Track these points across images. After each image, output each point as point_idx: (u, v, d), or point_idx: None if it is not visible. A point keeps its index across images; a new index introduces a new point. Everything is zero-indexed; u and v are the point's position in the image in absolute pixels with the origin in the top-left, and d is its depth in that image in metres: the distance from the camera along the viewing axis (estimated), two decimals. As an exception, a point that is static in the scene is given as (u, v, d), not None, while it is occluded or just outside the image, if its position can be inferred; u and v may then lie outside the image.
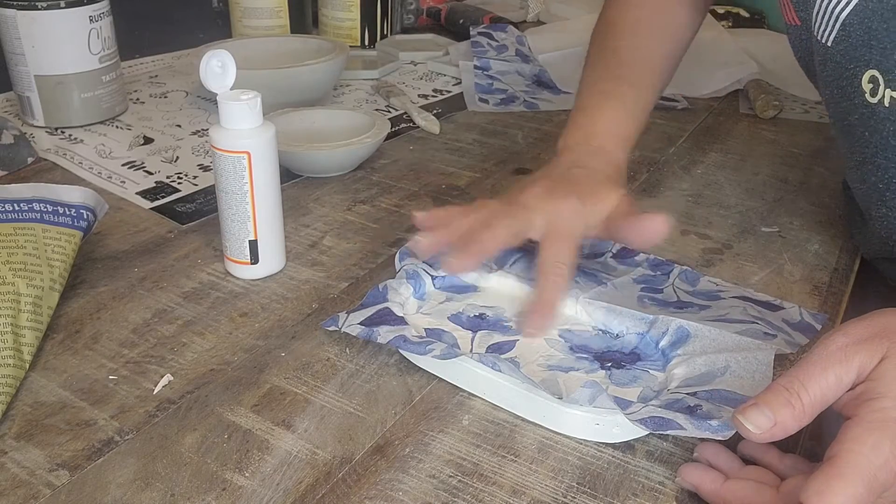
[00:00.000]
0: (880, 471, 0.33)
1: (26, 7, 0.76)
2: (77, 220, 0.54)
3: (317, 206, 0.69)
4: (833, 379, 0.35)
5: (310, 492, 0.40)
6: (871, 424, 0.34)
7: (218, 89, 0.53)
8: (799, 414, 0.35)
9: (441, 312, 0.52)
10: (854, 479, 0.33)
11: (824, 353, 0.36)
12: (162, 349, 0.50)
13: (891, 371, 0.35)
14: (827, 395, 0.36)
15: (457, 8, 1.27)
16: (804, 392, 0.35)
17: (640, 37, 0.66)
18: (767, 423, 0.36)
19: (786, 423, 0.35)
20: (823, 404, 0.36)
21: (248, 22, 1.04)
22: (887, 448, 0.33)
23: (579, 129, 0.61)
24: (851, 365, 0.36)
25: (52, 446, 0.42)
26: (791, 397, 0.35)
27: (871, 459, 0.33)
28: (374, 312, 0.50)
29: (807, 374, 0.36)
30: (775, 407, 0.36)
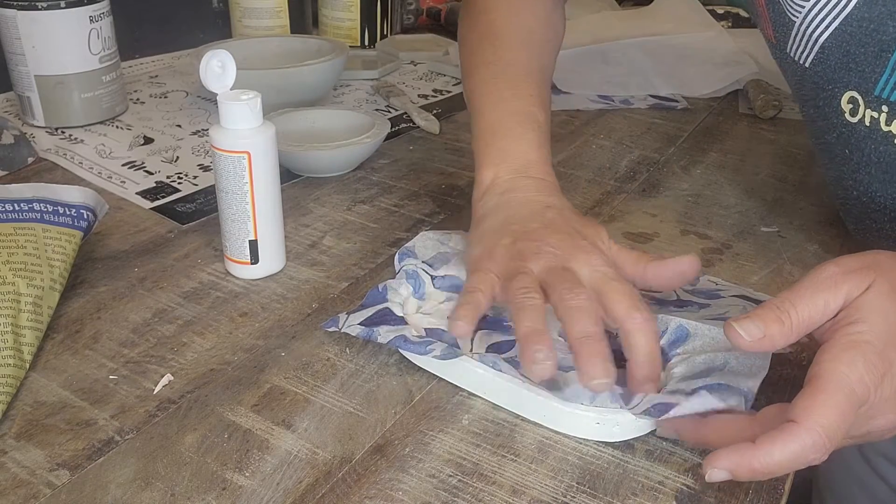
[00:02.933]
0: (857, 385, 0.35)
1: (26, 7, 0.76)
2: (77, 220, 0.55)
3: (317, 206, 0.69)
4: (821, 303, 0.38)
5: (310, 491, 0.40)
6: (846, 345, 0.36)
7: (218, 89, 0.53)
8: (787, 330, 0.38)
9: (441, 312, 0.52)
10: (835, 393, 0.35)
11: (815, 279, 0.39)
12: (162, 349, 0.50)
13: (870, 300, 0.37)
14: (814, 317, 0.38)
15: (457, 8, 1.27)
16: (794, 311, 0.38)
17: (533, 48, 0.63)
18: (758, 334, 0.38)
19: (774, 337, 0.38)
20: (810, 326, 0.38)
21: (248, 22, 1.04)
22: (860, 365, 0.35)
23: (514, 159, 0.55)
24: (839, 292, 0.38)
25: (52, 446, 0.42)
26: (782, 314, 0.38)
27: (847, 375, 0.35)
28: (373, 313, 0.50)
29: (797, 296, 0.38)
30: (767, 321, 0.38)
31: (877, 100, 0.50)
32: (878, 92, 0.49)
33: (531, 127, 0.57)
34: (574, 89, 0.98)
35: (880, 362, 0.36)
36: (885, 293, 0.37)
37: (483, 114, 0.59)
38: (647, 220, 0.67)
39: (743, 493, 0.40)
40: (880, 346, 0.36)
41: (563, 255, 0.47)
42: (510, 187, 0.54)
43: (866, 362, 0.36)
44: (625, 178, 0.76)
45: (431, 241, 0.57)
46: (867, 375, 0.36)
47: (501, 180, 0.55)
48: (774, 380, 0.48)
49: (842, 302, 0.38)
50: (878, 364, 0.36)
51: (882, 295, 0.37)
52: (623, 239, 0.64)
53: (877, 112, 0.50)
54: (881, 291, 0.37)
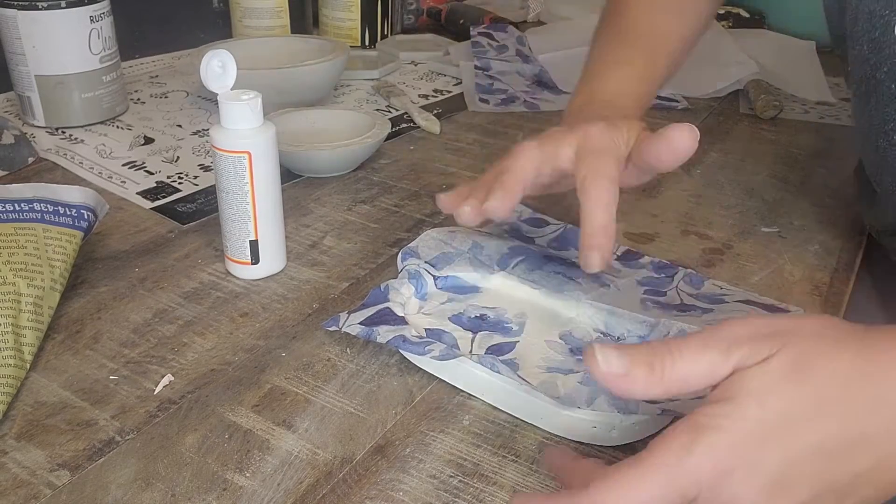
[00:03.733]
0: (682, 479, 0.30)
1: (27, 7, 0.76)
2: (78, 220, 0.54)
3: (317, 206, 0.69)
4: (705, 366, 0.32)
5: (310, 492, 0.40)
6: (691, 426, 0.30)
7: (218, 89, 0.53)
8: (654, 380, 0.32)
9: (442, 313, 0.52)
10: (647, 481, 0.30)
11: (710, 337, 0.33)
12: (162, 349, 0.50)
13: (758, 376, 0.31)
14: (691, 379, 0.32)
15: (457, 8, 1.27)
16: (670, 363, 0.32)
17: (656, 13, 0.64)
18: (619, 369, 0.32)
19: (636, 381, 0.32)
20: (684, 387, 0.33)
21: (249, 22, 1.04)
22: (697, 455, 0.30)
23: (585, 94, 0.58)
24: (729, 359, 0.32)
25: (52, 446, 0.42)
26: (655, 361, 0.32)
27: (673, 465, 0.30)
28: (374, 312, 0.50)
29: (682, 348, 0.33)
30: (635, 361, 0.32)
31: None
32: None
33: (620, 71, 0.59)
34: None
35: (728, 457, 0.30)
36: (784, 371, 0.31)
37: (585, 65, 0.62)
38: (647, 221, 0.67)
39: None
40: (739, 435, 0.30)
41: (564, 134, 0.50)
42: (573, 113, 0.56)
43: (706, 453, 0.30)
44: (625, 178, 0.76)
45: (435, 241, 0.57)
46: (702, 470, 0.30)
47: (571, 110, 0.57)
48: (775, 380, 0.48)
49: (730, 370, 0.32)
50: (724, 458, 0.30)
51: (777, 372, 0.31)
52: (623, 239, 0.64)
53: None
54: (777, 368, 0.31)
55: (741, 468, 0.30)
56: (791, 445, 0.30)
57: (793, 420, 0.30)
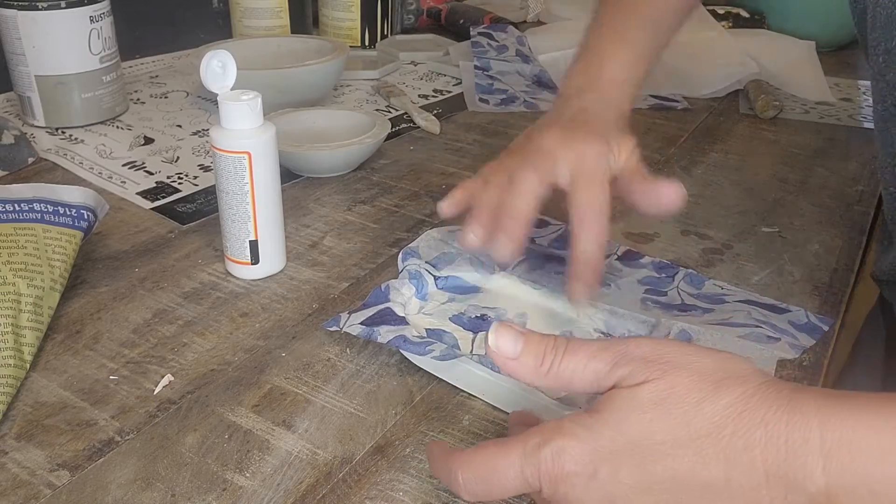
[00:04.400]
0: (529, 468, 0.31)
1: (27, 7, 0.76)
2: (78, 221, 0.54)
3: (317, 206, 0.69)
4: (590, 374, 0.33)
5: (310, 492, 0.40)
6: (553, 427, 0.32)
7: (218, 89, 0.53)
8: (540, 372, 0.34)
9: (443, 313, 0.52)
10: (502, 458, 0.32)
11: (608, 349, 0.33)
12: (162, 349, 0.50)
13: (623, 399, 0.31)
14: (574, 382, 0.34)
15: (457, 8, 1.27)
16: (560, 360, 0.33)
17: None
18: (510, 351, 0.34)
19: (521, 368, 0.34)
20: (568, 386, 0.34)
21: (249, 22, 1.04)
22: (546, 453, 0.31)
23: (585, 73, 0.57)
24: (612, 375, 0.32)
25: (52, 446, 0.42)
26: (547, 353, 0.34)
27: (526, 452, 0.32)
28: (375, 312, 0.50)
29: (576, 350, 0.34)
30: (529, 350, 0.34)
31: None
32: None
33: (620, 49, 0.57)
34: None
35: (572, 461, 0.31)
36: (649, 399, 0.31)
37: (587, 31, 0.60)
38: (647, 221, 0.67)
39: (744, 494, 0.40)
40: (588, 447, 0.31)
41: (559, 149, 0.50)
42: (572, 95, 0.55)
43: (555, 454, 0.31)
44: (625, 178, 0.76)
45: (435, 241, 0.57)
46: (548, 466, 0.31)
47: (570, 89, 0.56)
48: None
49: (611, 384, 0.32)
50: (567, 461, 0.31)
51: (642, 399, 0.31)
52: (623, 239, 0.64)
53: None
54: (645, 395, 0.31)
55: (581, 477, 0.31)
56: (635, 471, 0.30)
57: (643, 447, 0.30)
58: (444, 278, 0.55)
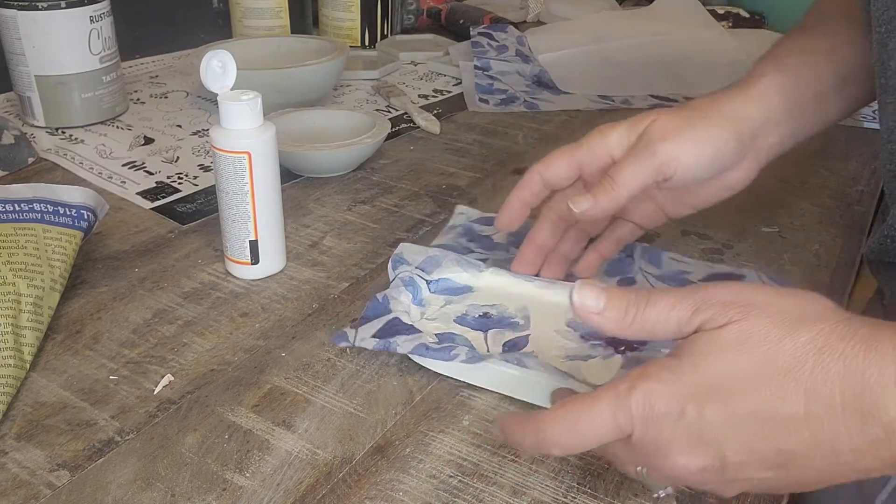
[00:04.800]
0: (620, 413, 0.33)
1: (27, 7, 0.76)
2: (78, 221, 0.54)
3: (317, 206, 0.69)
4: (673, 322, 0.34)
5: (310, 492, 0.40)
6: (639, 374, 0.33)
7: (218, 89, 0.53)
8: (623, 325, 0.35)
9: (445, 316, 0.52)
10: (593, 408, 0.33)
11: (688, 296, 0.34)
12: (162, 349, 0.50)
13: (707, 343, 0.33)
14: (657, 331, 0.35)
15: (457, 8, 1.27)
16: (642, 312, 0.35)
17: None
18: (592, 307, 0.36)
19: (606, 322, 0.36)
20: (651, 336, 0.36)
21: (249, 22, 1.04)
22: (636, 397, 0.33)
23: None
24: (694, 320, 0.34)
25: (52, 446, 0.42)
26: (629, 307, 0.35)
27: (616, 399, 0.33)
28: (384, 324, 0.49)
29: (657, 302, 0.35)
30: (612, 304, 0.35)
31: None
32: None
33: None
34: (574, 89, 0.98)
35: (662, 402, 0.32)
36: (733, 340, 0.32)
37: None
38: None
39: (744, 494, 0.40)
40: (675, 389, 0.32)
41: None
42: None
43: (643, 397, 0.33)
44: (625, 178, 0.76)
45: (417, 247, 0.57)
46: (637, 409, 0.32)
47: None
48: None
49: (694, 329, 0.34)
50: (655, 403, 0.32)
51: (726, 341, 0.33)
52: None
53: None
54: (728, 336, 0.33)
55: (670, 417, 0.32)
56: (720, 409, 0.32)
57: (727, 386, 0.32)
58: (434, 281, 0.55)
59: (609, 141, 0.49)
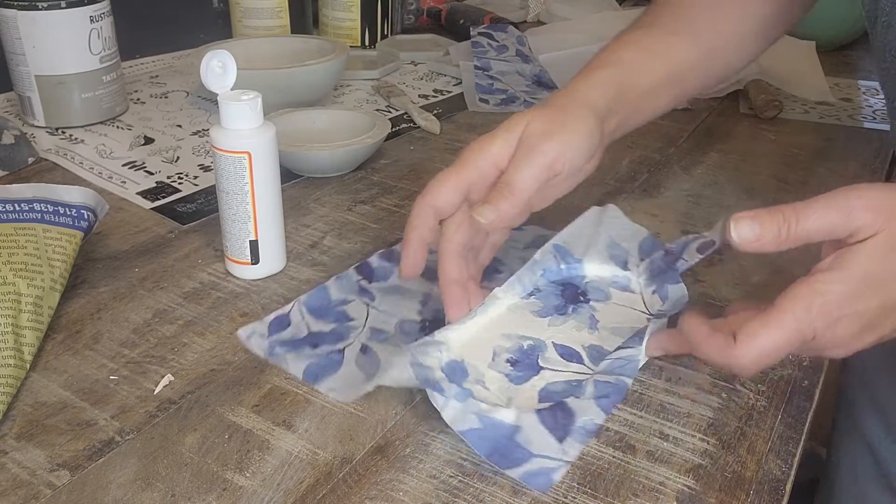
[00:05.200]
0: (806, 328, 0.38)
1: (27, 7, 0.76)
2: (78, 221, 0.54)
3: (317, 206, 0.69)
4: (828, 226, 0.39)
5: (310, 492, 0.40)
6: (813, 291, 0.38)
7: (218, 89, 0.53)
8: (781, 240, 0.40)
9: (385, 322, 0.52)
10: (781, 330, 0.38)
11: (833, 203, 0.39)
12: (162, 349, 0.50)
13: (864, 251, 0.39)
14: (814, 235, 0.40)
15: (457, 8, 1.27)
16: (796, 225, 0.40)
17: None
18: (751, 237, 0.40)
19: (765, 244, 0.40)
20: (808, 241, 0.40)
21: (249, 22, 1.04)
22: (815, 311, 0.38)
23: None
24: (850, 225, 0.39)
25: (52, 446, 0.42)
26: (782, 226, 0.40)
27: (800, 317, 0.38)
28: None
29: (807, 212, 0.40)
30: (766, 228, 0.40)
31: None
32: None
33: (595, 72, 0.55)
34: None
35: (837, 309, 0.39)
36: (884, 248, 0.39)
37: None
38: (647, 221, 0.67)
39: (744, 494, 0.40)
40: (847, 297, 0.39)
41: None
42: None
43: (822, 310, 0.38)
44: (625, 178, 0.76)
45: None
46: (818, 321, 0.38)
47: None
48: (775, 381, 0.48)
49: (848, 233, 0.39)
50: (833, 311, 0.39)
51: (878, 248, 0.39)
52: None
53: None
54: (879, 244, 0.39)
55: (846, 318, 0.39)
56: (884, 299, 0.39)
57: (886, 281, 0.39)
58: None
59: (492, 154, 0.49)
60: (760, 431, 0.44)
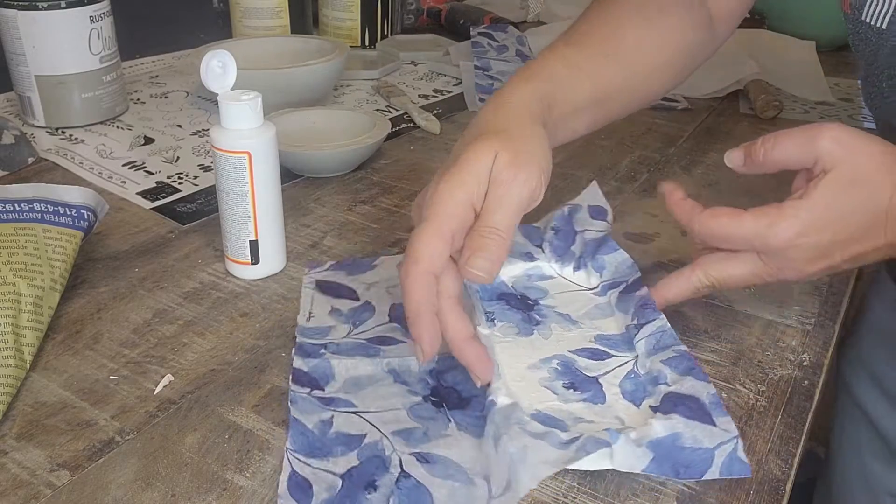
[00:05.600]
0: (760, 238, 0.46)
1: (27, 7, 0.76)
2: (78, 221, 0.54)
3: (317, 206, 0.69)
4: (796, 153, 0.47)
5: (310, 492, 0.40)
6: (779, 211, 0.46)
7: (218, 89, 0.53)
8: (761, 163, 0.48)
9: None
10: (741, 227, 0.46)
11: (803, 131, 0.47)
12: (162, 349, 0.50)
13: (824, 187, 0.45)
14: (786, 160, 0.48)
15: (457, 8, 1.27)
16: (772, 150, 0.48)
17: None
18: (739, 162, 0.50)
19: (750, 166, 0.49)
20: (783, 164, 0.48)
21: (249, 22, 1.04)
22: (776, 229, 0.45)
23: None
24: (814, 152, 0.46)
25: (52, 446, 0.42)
26: (760, 150, 0.48)
27: (759, 228, 0.45)
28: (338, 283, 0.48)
29: (781, 138, 0.47)
30: (747, 153, 0.49)
31: None
32: None
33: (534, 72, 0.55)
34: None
35: (796, 236, 0.45)
36: (842, 182, 0.45)
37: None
38: (647, 221, 0.67)
39: (744, 494, 0.40)
40: (808, 224, 0.45)
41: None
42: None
43: (784, 229, 0.45)
44: (625, 178, 0.76)
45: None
46: (778, 239, 0.45)
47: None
48: (775, 381, 0.48)
49: (813, 160, 0.46)
50: (793, 237, 0.45)
51: (838, 182, 0.45)
52: (623, 239, 0.63)
53: None
54: (838, 178, 0.45)
55: (802, 243, 0.45)
56: (839, 232, 0.45)
57: (844, 216, 0.45)
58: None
59: (467, 198, 0.43)
60: (760, 431, 0.44)
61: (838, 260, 0.46)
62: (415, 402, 0.45)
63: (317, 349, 0.48)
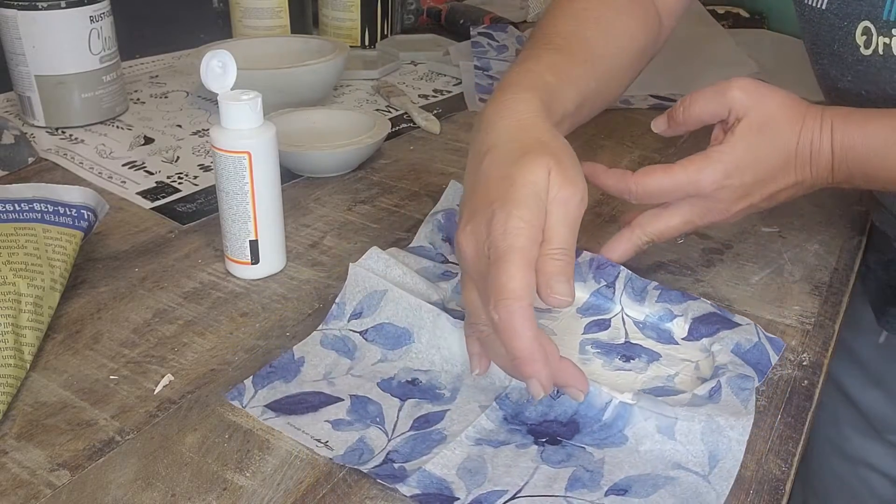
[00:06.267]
0: (692, 183, 0.51)
1: (27, 7, 0.76)
2: (78, 220, 0.54)
3: (317, 206, 0.69)
4: (711, 107, 0.53)
5: (310, 492, 0.40)
6: (706, 157, 0.52)
7: (218, 89, 0.53)
8: (682, 122, 0.55)
9: (373, 375, 0.48)
10: (673, 179, 0.52)
11: (715, 87, 0.53)
12: (162, 349, 0.50)
13: (739, 133, 0.51)
14: (704, 115, 0.54)
15: (457, 8, 1.27)
16: (689, 108, 0.54)
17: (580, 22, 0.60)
18: (663, 126, 0.56)
19: (674, 128, 0.56)
20: (701, 121, 0.54)
21: (249, 22, 1.04)
22: (708, 172, 0.51)
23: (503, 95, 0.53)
24: (726, 103, 0.52)
25: (52, 446, 0.42)
26: (679, 110, 0.54)
27: (690, 174, 0.51)
28: (285, 397, 0.46)
29: (695, 96, 0.53)
30: (669, 116, 0.56)
31: (886, 24, 0.54)
32: (885, 16, 0.54)
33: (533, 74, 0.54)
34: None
35: (723, 177, 0.50)
36: (753, 128, 0.51)
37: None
38: (647, 221, 0.67)
39: (744, 494, 0.40)
40: (732, 166, 0.50)
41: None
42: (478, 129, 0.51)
43: (712, 173, 0.51)
44: (625, 178, 0.76)
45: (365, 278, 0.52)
46: (707, 182, 0.51)
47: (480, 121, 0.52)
48: (775, 381, 0.48)
49: (727, 110, 0.52)
50: (720, 179, 0.51)
51: (750, 128, 0.51)
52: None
53: (888, 38, 0.54)
54: (750, 124, 0.51)
55: (728, 184, 0.51)
56: (757, 173, 0.51)
57: (759, 158, 0.51)
58: (373, 328, 0.50)
59: (539, 222, 0.42)
60: (760, 431, 0.44)
61: (757, 199, 0.52)
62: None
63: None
